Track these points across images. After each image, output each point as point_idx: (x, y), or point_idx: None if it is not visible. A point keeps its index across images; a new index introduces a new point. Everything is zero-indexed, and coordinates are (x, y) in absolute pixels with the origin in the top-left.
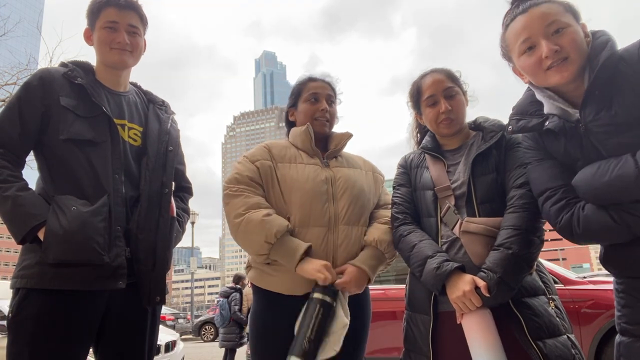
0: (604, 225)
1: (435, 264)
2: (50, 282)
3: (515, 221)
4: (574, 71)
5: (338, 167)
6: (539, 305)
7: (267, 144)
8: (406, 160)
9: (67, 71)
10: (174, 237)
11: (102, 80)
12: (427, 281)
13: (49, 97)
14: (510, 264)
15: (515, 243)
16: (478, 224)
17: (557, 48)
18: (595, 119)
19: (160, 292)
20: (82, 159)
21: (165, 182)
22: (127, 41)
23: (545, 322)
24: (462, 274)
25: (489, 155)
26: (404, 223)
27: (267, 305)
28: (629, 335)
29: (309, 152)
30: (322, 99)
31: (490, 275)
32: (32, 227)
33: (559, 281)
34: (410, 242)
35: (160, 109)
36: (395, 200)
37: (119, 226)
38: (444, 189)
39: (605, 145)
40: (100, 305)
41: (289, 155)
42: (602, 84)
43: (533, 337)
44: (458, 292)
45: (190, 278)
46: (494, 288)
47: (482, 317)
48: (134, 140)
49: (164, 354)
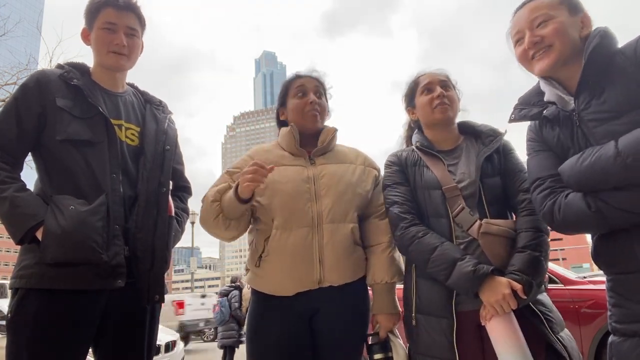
0: (580, 213)
1: (469, 266)
2: (50, 282)
3: (534, 223)
4: (555, 58)
5: (325, 164)
6: (548, 301)
7: (250, 153)
8: (399, 157)
9: (63, 72)
10: (172, 236)
11: (99, 81)
12: (458, 284)
13: (45, 98)
14: (539, 265)
15: (540, 245)
16: (500, 225)
17: (536, 39)
18: (586, 107)
19: (159, 291)
20: (80, 159)
21: (163, 181)
22: (125, 43)
23: (556, 316)
24: (497, 277)
25: (492, 159)
26: (414, 224)
27: (258, 305)
28: (619, 335)
29: (293, 152)
30: (310, 92)
31: (525, 277)
32: (30, 227)
33: (559, 281)
34: (429, 244)
35: (157, 109)
36: (396, 199)
37: (117, 225)
38: (452, 189)
39: (593, 133)
40: (99, 305)
41: (271, 159)
42: (595, 73)
43: (554, 330)
44: (497, 296)
45: (190, 278)
46: (529, 290)
47: (509, 319)
48: (131, 140)
49: (164, 354)
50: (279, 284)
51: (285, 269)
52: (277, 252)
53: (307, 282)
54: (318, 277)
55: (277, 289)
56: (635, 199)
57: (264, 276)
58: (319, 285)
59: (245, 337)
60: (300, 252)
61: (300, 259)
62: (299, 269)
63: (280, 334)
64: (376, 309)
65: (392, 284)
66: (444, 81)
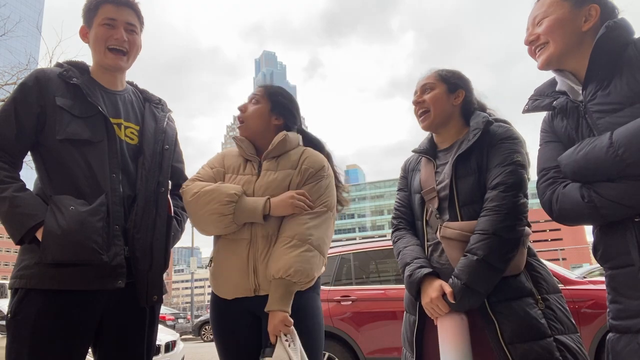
0: (575, 204)
1: (409, 271)
2: (50, 283)
3: (483, 225)
4: (549, 55)
5: (268, 171)
6: (519, 308)
7: (223, 152)
8: (406, 164)
9: (63, 71)
10: (172, 235)
11: (98, 79)
12: (406, 287)
13: (44, 97)
14: (476, 269)
15: (481, 248)
16: (454, 229)
17: (532, 37)
18: (592, 98)
19: (157, 291)
20: (79, 158)
21: (162, 181)
22: (125, 38)
23: (523, 325)
24: (434, 279)
25: (470, 155)
26: (397, 229)
27: (212, 304)
28: (615, 332)
29: (251, 160)
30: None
31: (455, 282)
32: (29, 227)
33: (559, 281)
34: (397, 249)
35: (156, 107)
36: (395, 205)
37: (117, 225)
38: (429, 192)
39: (597, 125)
40: (99, 305)
41: (234, 166)
42: (603, 64)
43: (506, 341)
44: (426, 299)
45: (190, 278)
46: (459, 294)
47: (454, 321)
48: (131, 139)
49: (164, 354)
50: (221, 287)
51: (224, 274)
52: (221, 257)
53: (242, 288)
54: (253, 285)
55: (220, 292)
56: (626, 192)
57: (212, 276)
58: (255, 293)
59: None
60: (239, 267)
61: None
62: (235, 276)
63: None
64: (267, 306)
65: (278, 280)
66: (424, 85)
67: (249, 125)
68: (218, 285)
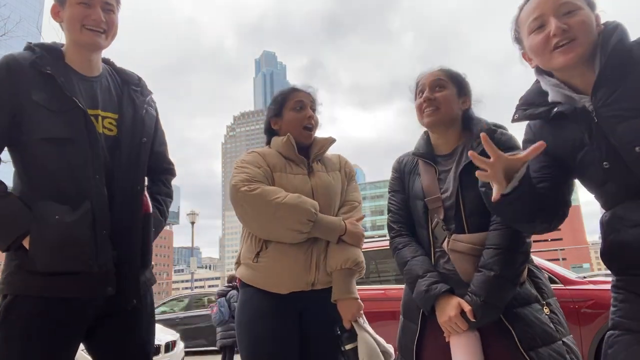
0: None
1: (424, 286)
2: (38, 290)
3: (496, 240)
4: (579, 54)
5: (320, 172)
6: (530, 314)
7: (259, 152)
8: (400, 164)
9: (35, 59)
10: (152, 231)
11: (72, 64)
12: (417, 300)
13: (18, 94)
14: (494, 285)
15: (497, 264)
16: (465, 243)
17: (565, 27)
18: (606, 103)
19: (134, 295)
20: (60, 159)
21: (138, 179)
22: (103, 19)
23: (537, 331)
24: (450, 297)
25: (474, 165)
26: (399, 234)
27: (249, 299)
28: (622, 329)
29: (295, 160)
30: (307, 107)
31: (474, 299)
32: (15, 237)
33: (558, 281)
34: (403, 257)
35: (135, 91)
36: (391, 207)
37: (104, 230)
38: (434, 200)
39: (614, 130)
40: (90, 309)
41: (280, 165)
42: (614, 67)
43: (525, 347)
44: (444, 317)
45: (190, 278)
46: (479, 312)
47: (468, 339)
48: (109, 130)
49: (164, 354)
50: (273, 281)
51: (284, 270)
52: (278, 253)
53: (301, 283)
54: (312, 280)
55: (271, 285)
56: None
57: (261, 272)
58: (312, 287)
59: (236, 328)
60: (300, 264)
61: (300, 263)
62: (296, 271)
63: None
64: (333, 295)
65: (344, 270)
66: (435, 81)
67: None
68: (270, 279)
